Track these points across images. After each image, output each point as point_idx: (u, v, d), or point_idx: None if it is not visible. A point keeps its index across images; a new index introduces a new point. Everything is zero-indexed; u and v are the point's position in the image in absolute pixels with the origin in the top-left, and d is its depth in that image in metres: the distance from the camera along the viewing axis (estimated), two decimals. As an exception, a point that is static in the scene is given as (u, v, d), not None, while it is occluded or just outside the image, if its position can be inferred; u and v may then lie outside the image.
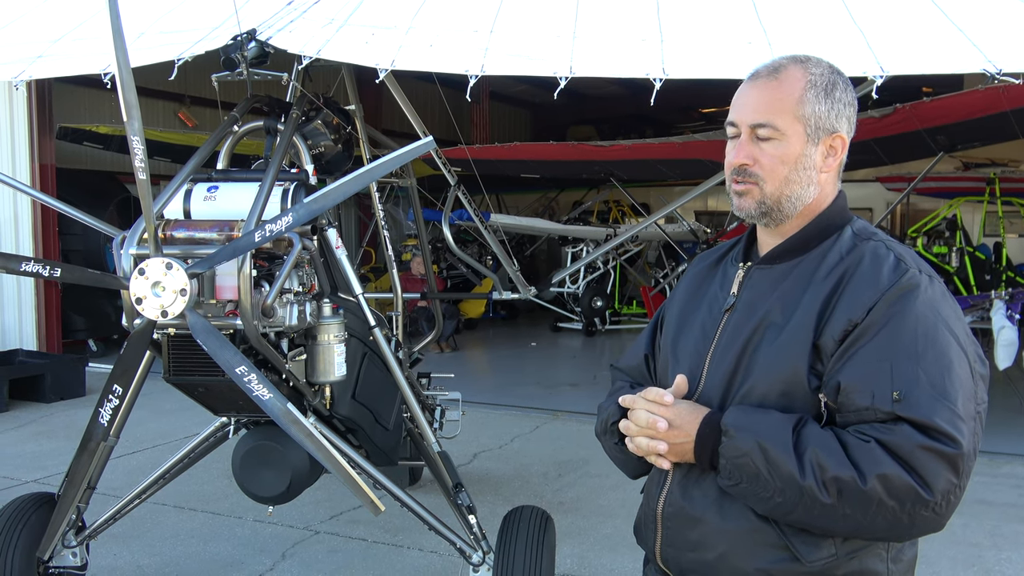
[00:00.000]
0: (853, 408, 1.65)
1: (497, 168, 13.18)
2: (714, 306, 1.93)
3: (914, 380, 1.61)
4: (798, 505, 1.63)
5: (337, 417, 3.78)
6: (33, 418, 8.57)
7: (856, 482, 1.58)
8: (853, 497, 1.59)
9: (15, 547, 3.84)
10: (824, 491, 1.60)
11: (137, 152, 2.75)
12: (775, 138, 1.79)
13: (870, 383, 1.64)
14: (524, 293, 5.50)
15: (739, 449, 1.67)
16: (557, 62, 3.51)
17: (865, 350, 1.66)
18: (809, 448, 1.62)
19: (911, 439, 1.58)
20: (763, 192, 1.81)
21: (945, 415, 1.59)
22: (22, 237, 10.89)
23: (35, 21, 4.78)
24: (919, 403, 1.60)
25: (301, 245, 3.20)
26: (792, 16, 3.78)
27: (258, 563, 5.02)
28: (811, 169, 1.81)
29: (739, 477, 1.68)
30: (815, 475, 1.60)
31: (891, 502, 1.58)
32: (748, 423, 1.69)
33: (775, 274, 1.85)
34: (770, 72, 1.82)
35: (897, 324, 1.66)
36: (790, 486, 1.62)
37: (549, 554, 3.92)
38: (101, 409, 3.16)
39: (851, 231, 1.84)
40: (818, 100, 1.79)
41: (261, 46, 3.69)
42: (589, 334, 14.50)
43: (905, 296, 1.68)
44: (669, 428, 1.76)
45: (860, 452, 1.60)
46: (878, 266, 1.73)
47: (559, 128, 21.94)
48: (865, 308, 1.68)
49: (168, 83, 4.14)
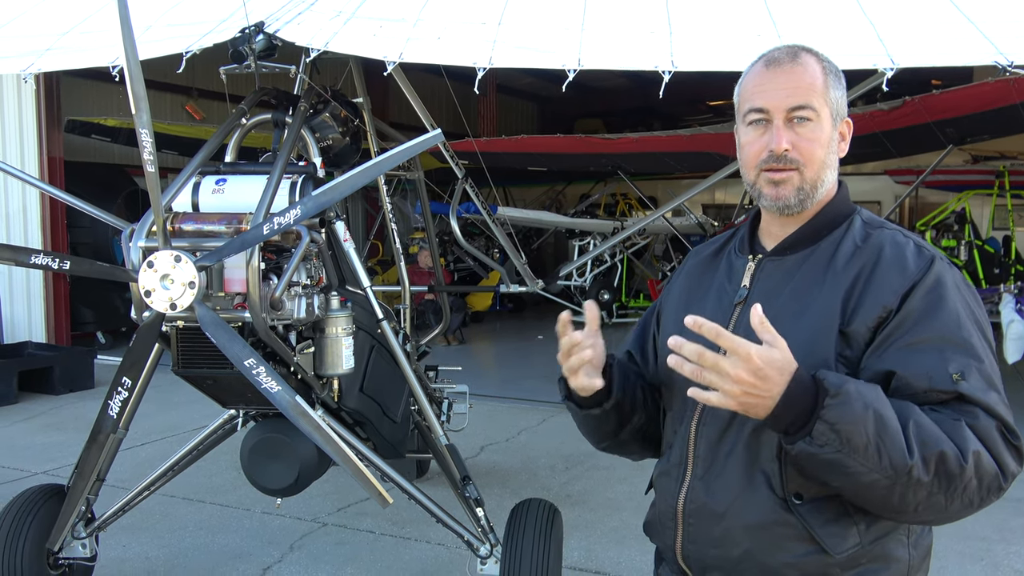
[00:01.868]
0: (910, 392, 1.61)
1: (504, 161, 13.17)
2: (723, 299, 1.88)
3: (966, 365, 1.61)
4: (894, 483, 1.52)
5: (345, 410, 3.79)
6: (42, 410, 8.61)
7: (958, 459, 1.52)
8: (949, 475, 1.53)
9: (25, 538, 3.86)
10: (925, 468, 1.52)
11: (146, 145, 2.75)
12: (812, 120, 1.76)
13: (926, 367, 1.61)
14: (531, 286, 5.50)
15: (852, 414, 1.50)
16: (565, 55, 3.49)
17: (913, 336, 1.64)
18: (911, 422, 1.53)
19: (988, 421, 1.57)
20: (803, 177, 1.77)
21: (996, 400, 1.60)
22: (31, 230, 10.94)
23: (43, 14, 4.79)
24: (977, 388, 1.59)
25: (309, 238, 3.20)
26: (802, 8, 3.76)
27: (266, 555, 5.03)
28: (835, 153, 1.82)
29: (838, 446, 1.51)
30: (920, 451, 1.51)
31: (975, 482, 1.55)
32: (861, 387, 1.55)
33: (787, 265, 1.82)
34: (791, 58, 1.79)
35: (941, 312, 1.65)
36: (896, 462, 1.50)
37: (556, 547, 3.92)
38: (110, 401, 3.17)
39: (860, 220, 1.83)
40: (835, 85, 1.80)
41: (269, 39, 3.69)
42: (596, 327, 14.47)
43: (935, 284, 1.68)
44: (752, 376, 1.49)
45: (954, 429, 1.55)
46: (901, 253, 1.72)
47: (566, 121, 21.91)
48: (898, 295, 1.67)
49: (175, 76, 4.14)
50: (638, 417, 1.97)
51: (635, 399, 1.95)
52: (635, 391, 1.96)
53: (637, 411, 1.96)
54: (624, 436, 1.99)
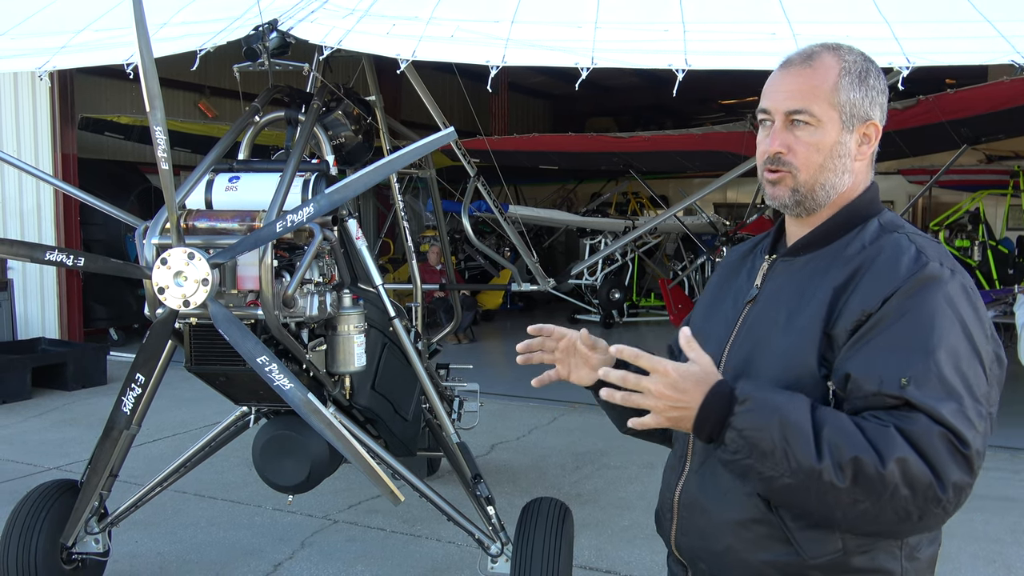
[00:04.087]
0: (860, 395, 1.60)
1: (516, 159, 13.16)
2: (739, 297, 1.92)
3: (924, 372, 1.56)
4: (808, 488, 1.55)
5: (357, 407, 3.80)
6: (56, 405, 8.66)
7: (876, 465, 1.50)
8: (869, 482, 1.51)
9: (39, 533, 3.89)
10: (840, 473, 1.51)
11: (160, 142, 2.76)
12: (811, 124, 1.76)
13: (879, 370, 1.59)
14: (543, 285, 5.50)
15: (756, 421, 1.57)
16: (579, 53, 3.49)
17: (877, 340, 1.61)
18: (826, 427, 1.55)
19: (929, 428, 1.52)
20: (796, 180, 1.78)
21: (951, 410, 1.53)
22: (45, 226, 11.00)
23: (58, 12, 4.81)
24: (929, 394, 1.54)
25: (322, 235, 3.21)
26: (817, 6, 3.74)
27: (277, 551, 5.05)
28: (846, 157, 1.78)
29: (748, 452, 1.58)
30: (832, 455, 1.52)
31: (905, 490, 1.51)
32: (768, 396, 1.60)
33: (796, 266, 1.83)
34: (803, 59, 1.79)
35: (913, 317, 1.61)
36: (804, 466, 1.53)
37: (567, 546, 3.92)
38: (124, 397, 3.19)
39: (878, 223, 1.79)
40: (852, 87, 1.76)
41: (282, 36, 3.70)
42: (607, 326, 14.47)
43: (923, 288, 1.63)
44: (671, 390, 1.60)
45: (879, 434, 1.53)
46: (897, 257, 1.68)
47: (578, 119, 21.88)
48: (880, 299, 1.64)
49: (188, 74, 4.16)
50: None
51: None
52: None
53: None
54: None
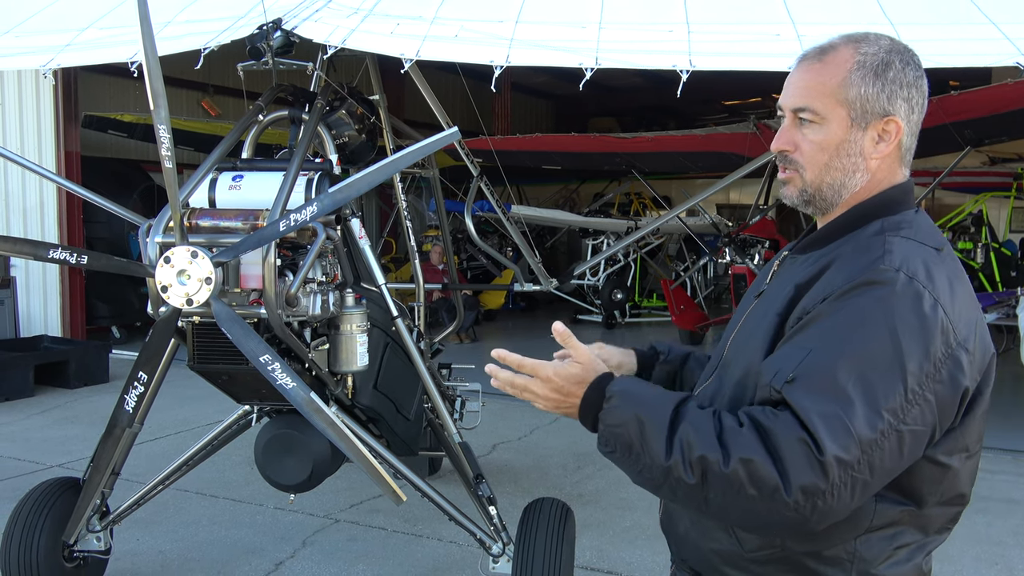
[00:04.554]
0: (757, 384, 1.61)
1: (518, 159, 13.15)
2: (754, 292, 1.91)
3: (817, 371, 1.51)
4: (664, 482, 1.57)
5: (359, 406, 3.80)
6: (58, 403, 8.66)
7: (720, 464, 1.49)
8: (716, 479, 1.50)
9: (41, 531, 3.89)
10: (688, 471, 1.51)
11: (163, 140, 2.76)
12: (815, 122, 1.70)
13: (779, 363, 1.56)
14: (545, 285, 5.49)
15: (618, 417, 1.61)
16: (583, 53, 3.49)
17: (797, 337, 1.59)
18: (682, 425, 1.55)
19: (791, 430, 1.48)
20: (803, 180, 1.75)
21: (827, 414, 1.47)
22: (48, 224, 11.01)
23: (63, 10, 4.82)
24: (808, 393, 1.49)
25: (325, 235, 3.21)
26: (821, 7, 3.74)
27: (279, 550, 5.05)
28: (856, 155, 1.71)
29: (614, 446, 1.62)
30: (682, 453, 1.52)
31: (752, 490, 1.48)
32: (633, 393, 1.63)
33: (797, 264, 1.78)
34: (817, 53, 1.73)
35: (837, 317, 1.55)
36: (657, 462, 1.55)
37: (569, 546, 3.92)
38: (126, 396, 3.19)
39: (880, 225, 1.70)
40: (865, 81, 1.67)
41: (286, 36, 3.70)
42: (609, 327, 14.46)
43: (861, 291, 1.55)
44: (555, 393, 1.70)
45: (731, 435, 1.51)
46: (857, 258, 1.63)
47: (581, 119, 21.88)
48: (820, 297, 1.60)
49: (192, 72, 4.16)
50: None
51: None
52: (693, 371, 2.12)
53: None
54: (686, 387, 2.13)
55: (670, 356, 2.16)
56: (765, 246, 13.96)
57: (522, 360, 1.71)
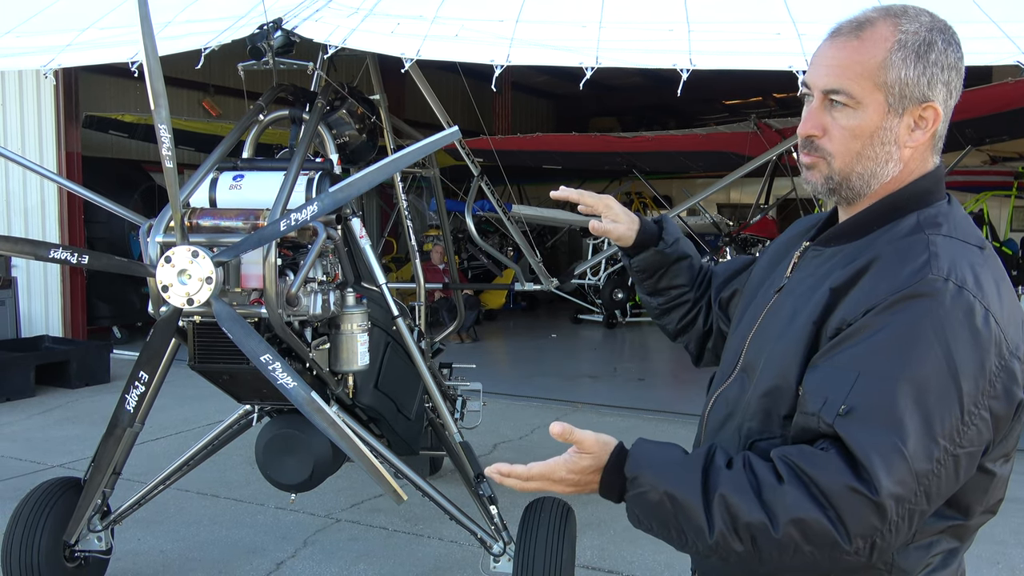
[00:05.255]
0: (804, 410, 1.49)
1: (519, 159, 13.16)
2: (774, 284, 1.77)
3: (871, 400, 1.40)
4: (712, 553, 1.48)
5: (360, 406, 3.80)
6: (59, 403, 8.67)
7: (769, 530, 1.40)
8: (768, 544, 1.42)
9: (42, 531, 3.90)
10: (736, 540, 1.43)
11: (164, 140, 2.76)
12: (849, 106, 1.55)
13: (827, 389, 1.45)
14: (546, 284, 5.50)
15: (647, 500, 1.51)
16: (583, 52, 3.49)
17: (840, 355, 1.47)
18: (718, 494, 1.44)
19: (840, 477, 1.38)
20: (831, 168, 1.60)
21: (884, 449, 1.37)
22: (48, 224, 11.02)
23: (63, 10, 4.82)
24: (862, 427, 1.39)
25: (326, 234, 3.21)
26: (821, 6, 3.73)
27: (280, 550, 5.05)
28: (890, 144, 1.56)
29: (649, 525, 1.54)
30: (726, 524, 1.43)
31: (808, 547, 1.40)
32: (655, 468, 1.51)
33: (822, 258, 1.65)
34: (853, 28, 1.57)
35: (885, 335, 1.43)
36: (701, 539, 1.46)
37: (570, 545, 3.92)
38: (127, 395, 3.19)
39: (916, 219, 1.57)
40: (906, 64, 1.53)
41: (287, 35, 3.71)
42: (609, 326, 14.47)
43: (909, 305, 1.43)
44: (572, 487, 1.60)
45: (773, 493, 1.42)
46: (900, 264, 1.49)
47: (581, 119, 21.88)
48: (863, 310, 1.46)
49: (192, 72, 4.16)
50: (669, 281, 2.20)
51: (677, 277, 2.18)
52: (677, 275, 2.17)
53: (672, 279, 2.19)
54: (662, 285, 2.20)
55: (669, 249, 2.14)
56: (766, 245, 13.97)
57: (530, 473, 1.57)
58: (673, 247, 2.14)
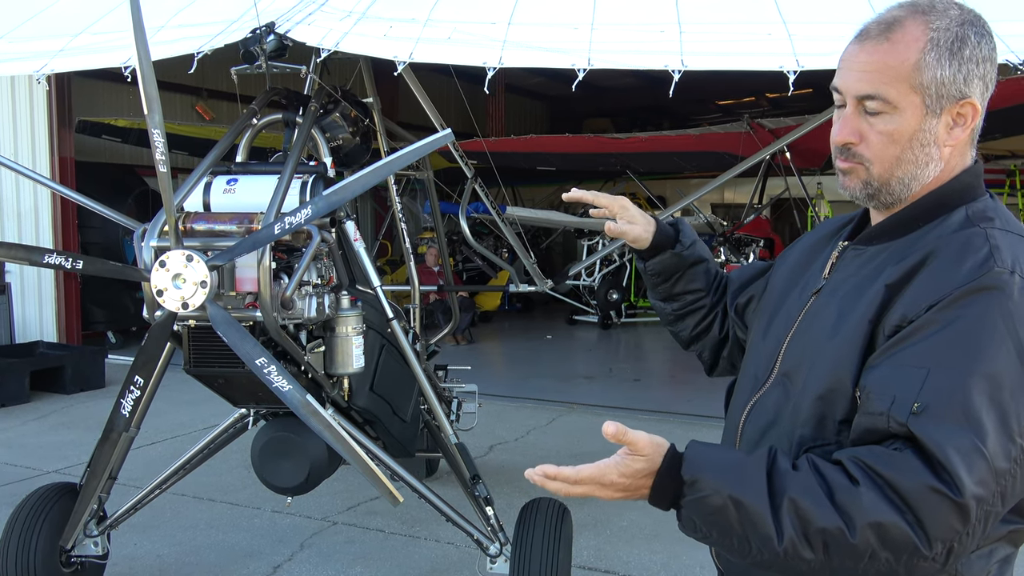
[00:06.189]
0: (868, 411, 1.42)
1: (513, 161, 13.18)
2: (807, 286, 1.72)
3: (946, 397, 1.34)
4: (777, 561, 1.41)
5: (355, 408, 3.80)
6: (54, 409, 8.65)
7: (845, 535, 1.34)
8: (841, 551, 1.35)
9: (38, 536, 3.89)
10: (806, 547, 1.36)
11: (158, 145, 2.76)
12: (886, 112, 1.51)
13: (895, 387, 1.39)
14: (540, 286, 5.51)
15: (710, 505, 1.41)
16: (576, 54, 3.50)
17: (906, 352, 1.41)
18: (786, 497, 1.37)
19: (919, 477, 1.32)
20: (869, 173, 1.56)
21: (964, 448, 1.32)
22: (42, 229, 11.00)
23: (56, 15, 4.82)
24: (939, 425, 1.33)
25: (320, 237, 3.21)
26: (812, 7, 3.75)
27: (276, 553, 5.05)
28: (930, 145, 1.53)
29: (708, 532, 1.45)
30: (795, 530, 1.36)
31: (884, 553, 1.34)
32: (716, 471, 1.43)
33: (865, 256, 1.61)
34: (881, 29, 1.52)
35: (954, 330, 1.38)
36: (768, 547, 1.38)
37: (566, 546, 3.93)
38: (122, 400, 3.18)
39: (964, 214, 1.53)
40: (941, 63, 1.49)
41: (280, 39, 3.71)
42: (605, 327, 14.49)
43: (977, 298, 1.39)
44: (621, 492, 1.50)
45: (847, 495, 1.35)
46: (960, 258, 1.44)
47: (575, 120, 21.90)
48: (925, 305, 1.41)
49: (185, 76, 4.17)
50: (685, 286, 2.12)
51: (691, 283, 2.11)
52: (693, 279, 2.11)
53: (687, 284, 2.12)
54: (677, 290, 2.13)
55: (685, 252, 2.08)
56: (760, 245, 14.01)
57: (579, 476, 1.47)
58: (690, 250, 2.08)
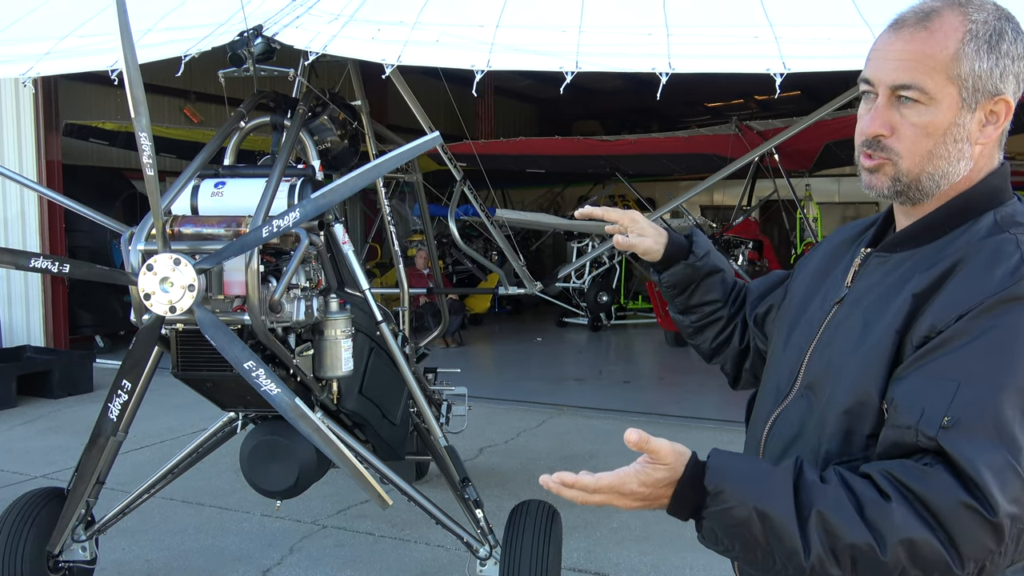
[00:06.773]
0: (896, 424, 1.37)
1: (502, 163, 13.19)
2: (830, 294, 1.67)
3: (978, 410, 1.29)
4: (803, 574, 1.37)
5: (344, 412, 3.80)
6: (41, 413, 8.61)
7: (875, 552, 1.29)
8: (870, 567, 1.30)
9: (25, 541, 3.87)
10: (835, 563, 1.31)
11: (145, 148, 2.76)
12: (921, 103, 1.46)
13: (924, 399, 1.34)
14: (530, 288, 5.51)
15: (734, 517, 1.36)
16: (563, 57, 3.50)
17: (935, 364, 1.36)
18: (814, 511, 1.33)
19: (952, 494, 1.28)
20: (898, 169, 1.51)
21: (997, 465, 1.27)
22: (29, 233, 10.95)
23: (42, 18, 4.80)
24: (971, 441, 1.28)
25: (308, 240, 3.21)
26: (800, 9, 3.77)
27: (266, 557, 5.04)
28: (962, 141, 1.48)
29: (730, 544, 1.40)
30: (823, 544, 1.31)
31: (914, 571, 1.29)
32: (741, 481, 1.38)
33: (890, 264, 1.56)
34: (919, 19, 1.48)
35: (986, 341, 1.33)
36: (794, 562, 1.34)
37: (556, 548, 3.93)
38: (110, 404, 3.17)
39: (993, 219, 1.49)
40: (979, 56, 1.45)
41: (267, 42, 3.70)
42: (594, 329, 14.50)
43: (1009, 309, 1.35)
44: (640, 501, 1.44)
45: (878, 511, 1.30)
46: (991, 266, 1.39)
47: (564, 123, 21.95)
48: (955, 315, 1.37)
49: (173, 79, 4.16)
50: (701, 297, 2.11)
51: (708, 294, 2.09)
52: (709, 290, 2.09)
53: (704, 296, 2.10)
54: (693, 301, 2.11)
55: (699, 262, 2.06)
56: (749, 247, 14.04)
57: (598, 485, 1.41)
58: (704, 260, 2.06)
